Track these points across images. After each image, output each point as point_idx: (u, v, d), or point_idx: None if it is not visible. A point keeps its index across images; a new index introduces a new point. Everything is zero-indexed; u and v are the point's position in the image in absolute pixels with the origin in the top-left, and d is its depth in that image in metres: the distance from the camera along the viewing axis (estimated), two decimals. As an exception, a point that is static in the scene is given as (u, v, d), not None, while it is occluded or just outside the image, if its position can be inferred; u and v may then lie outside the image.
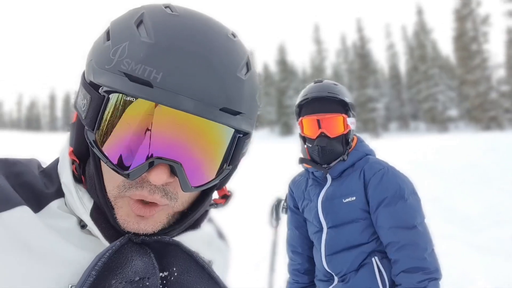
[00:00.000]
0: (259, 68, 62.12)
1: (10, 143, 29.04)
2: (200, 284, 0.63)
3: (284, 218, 2.48)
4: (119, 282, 0.55)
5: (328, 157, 1.79)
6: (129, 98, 0.54)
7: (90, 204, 0.61)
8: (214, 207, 0.72)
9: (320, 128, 1.77)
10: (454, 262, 4.46)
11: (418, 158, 13.61)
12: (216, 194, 0.73)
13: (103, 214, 0.61)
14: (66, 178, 0.62)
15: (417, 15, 52.56)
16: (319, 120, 1.77)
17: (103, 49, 0.58)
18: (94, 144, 0.56)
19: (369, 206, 1.72)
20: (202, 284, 0.64)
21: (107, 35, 0.59)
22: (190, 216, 0.66)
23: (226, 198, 0.73)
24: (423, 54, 50.00)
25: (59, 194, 0.63)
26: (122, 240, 0.59)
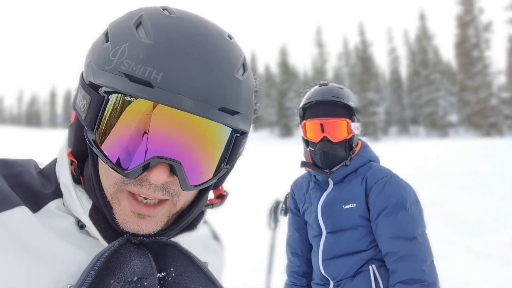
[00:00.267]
0: (261, 69, 62.15)
1: (10, 139, 29.03)
2: (197, 284, 0.64)
3: (282, 220, 2.47)
4: (118, 282, 0.55)
5: (330, 161, 1.77)
6: (129, 98, 0.54)
7: (89, 204, 0.61)
8: (210, 207, 0.72)
9: (323, 132, 1.75)
10: (453, 267, 4.46)
11: (417, 163, 13.61)
12: (211, 194, 0.73)
13: (102, 215, 0.61)
14: (65, 178, 0.62)
15: (419, 20, 52.69)
16: (323, 124, 1.75)
17: (103, 50, 0.58)
18: (94, 143, 0.56)
19: (369, 213, 1.70)
20: (199, 284, 0.64)
21: (106, 37, 0.60)
22: (186, 216, 0.66)
23: (222, 198, 0.73)
24: (425, 59, 50.04)
25: (57, 194, 0.63)
26: (121, 240, 0.59)
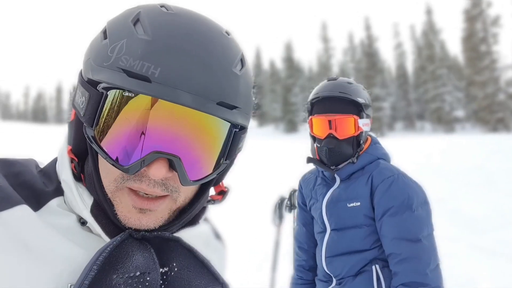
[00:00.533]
0: (265, 65, 61.93)
1: (17, 135, 29.27)
2: (200, 279, 0.64)
3: (287, 217, 2.47)
4: (120, 277, 0.55)
5: (335, 159, 1.74)
6: (127, 94, 0.54)
7: (90, 200, 0.61)
8: (211, 203, 0.72)
9: (330, 128, 1.71)
10: (458, 264, 4.45)
11: (423, 159, 13.54)
12: (212, 190, 0.74)
13: (103, 211, 0.61)
14: (66, 175, 0.62)
15: (426, 15, 52.16)
16: (329, 120, 1.71)
17: (101, 47, 0.58)
18: (93, 140, 0.56)
19: (374, 212, 1.68)
20: (202, 279, 0.64)
21: (104, 34, 0.60)
22: (189, 211, 0.66)
23: (223, 194, 0.73)
24: (431, 54, 49.60)
25: (58, 192, 0.63)
26: (123, 235, 0.59)
